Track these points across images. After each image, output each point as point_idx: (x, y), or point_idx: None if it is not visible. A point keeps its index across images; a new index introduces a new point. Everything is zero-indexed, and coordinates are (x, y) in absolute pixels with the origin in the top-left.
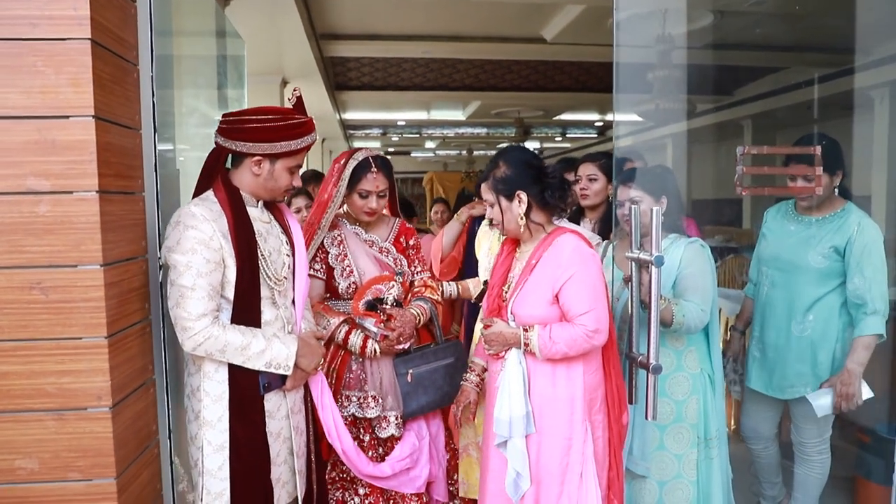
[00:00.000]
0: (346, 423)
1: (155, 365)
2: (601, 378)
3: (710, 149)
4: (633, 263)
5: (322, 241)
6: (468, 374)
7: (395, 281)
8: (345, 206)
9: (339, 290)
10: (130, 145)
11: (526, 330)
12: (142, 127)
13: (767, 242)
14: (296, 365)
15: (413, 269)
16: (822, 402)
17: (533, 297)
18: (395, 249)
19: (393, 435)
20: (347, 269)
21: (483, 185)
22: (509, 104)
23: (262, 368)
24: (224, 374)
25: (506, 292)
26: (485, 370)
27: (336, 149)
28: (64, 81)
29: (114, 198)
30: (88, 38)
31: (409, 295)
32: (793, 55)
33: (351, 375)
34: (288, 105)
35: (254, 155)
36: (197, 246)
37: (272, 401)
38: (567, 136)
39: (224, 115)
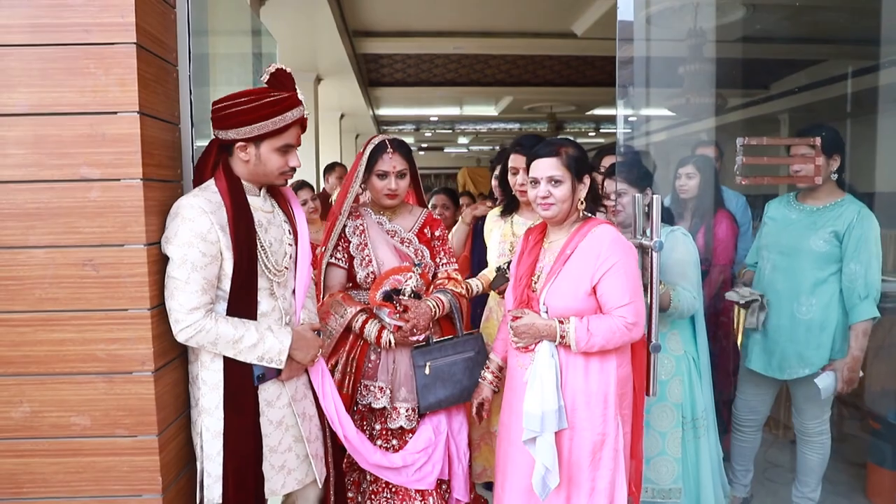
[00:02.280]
0: (362, 413)
1: None
2: (629, 371)
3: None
4: (637, 249)
5: (344, 230)
6: (484, 372)
7: (414, 272)
8: (369, 196)
9: (358, 280)
10: (170, 139)
11: (561, 322)
12: (180, 122)
13: (769, 230)
14: (291, 357)
15: (438, 260)
16: (827, 384)
17: (568, 288)
18: (417, 240)
19: (402, 427)
20: (366, 258)
21: (548, 161)
22: (541, 99)
23: (255, 362)
24: (220, 364)
25: (535, 283)
26: (501, 368)
27: None
28: (112, 81)
29: (155, 185)
30: (134, 43)
31: (432, 287)
32: (830, 48)
33: (370, 365)
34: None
35: (238, 140)
36: (194, 239)
37: (270, 390)
38: (601, 131)
39: (213, 104)
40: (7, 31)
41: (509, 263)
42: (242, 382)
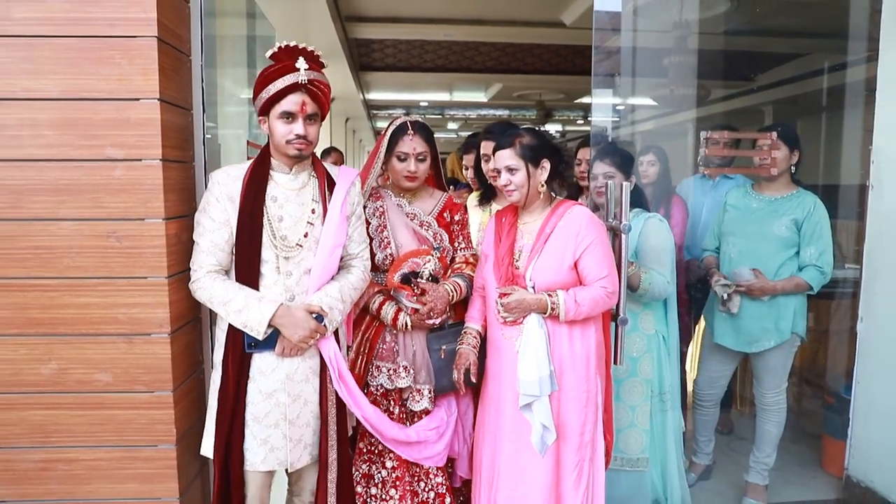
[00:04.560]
0: (377, 395)
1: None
2: (602, 336)
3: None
4: (609, 231)
5: (364, 211)
6: (466, 338)
7: (433, 255)
8: (390, 180)
9: (376, 261)
10: (185, 123)
11: (550, 295)
12: (193, 108)
13: (731, 217)
14: (282, 333)
15: (456, 244)
16: (745, 274)
17: (552, 263)
18: (436, 224)
19: (426, 409)
20: (385, 240)
21: (504, 152)
22: (530, 87)
23: (240, 327)
24: (226, 325)
25: (516, 261)
26: (480, 334)
27: (359, 128)
28: (135, 71)
29: (172, 165)
30: (155, 36)
31: (449, 271)
32: (812, 42)
33: (384, 346)
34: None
35: (259, 118)
36: (206, 206)
37: (266, 359)
38: (589, 119)
39: None
40: (40, 24)
41: None
42: (237, 346)
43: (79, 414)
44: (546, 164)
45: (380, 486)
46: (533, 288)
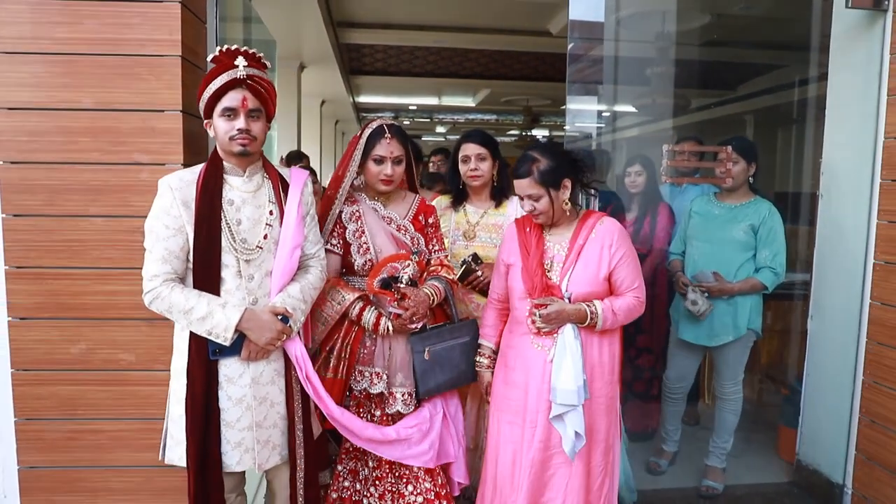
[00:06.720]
0: (360, 399)
1: None
2: (620, 341)
3: (714, 143)
4: None
5: (340, 216)
6: (480, 359)
7: (412, 260)
8: (363, 181)
9: (355, 267)
10: (200, 131)
11: (588, 305)
12: None
13: (696, 223)
14: (247, 337)
15: (431, 247)
16: (706, 276)
17: (587, 275)
18: (412, 227)
19: (399, 411)
20: (364, 245)
21: (524, 182)
22: (518, 92)
23: (204, 335)
24: (187, 334)
25: (548, 271)
26: (494, 352)
27: (349, 130)
28: (161, 86)
29: None
30: (179, 56)
31: (425, 274)
32: (788, 54)
33: (365, 351)
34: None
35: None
36: (159, 213)
37: (232, 367)
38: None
39: None
40: (79, 43)
41: (474, 255)
42: (200, 354)
43: (104, 389)
44: (567, 184)
45: (363, 482)
46: (569, 298)
